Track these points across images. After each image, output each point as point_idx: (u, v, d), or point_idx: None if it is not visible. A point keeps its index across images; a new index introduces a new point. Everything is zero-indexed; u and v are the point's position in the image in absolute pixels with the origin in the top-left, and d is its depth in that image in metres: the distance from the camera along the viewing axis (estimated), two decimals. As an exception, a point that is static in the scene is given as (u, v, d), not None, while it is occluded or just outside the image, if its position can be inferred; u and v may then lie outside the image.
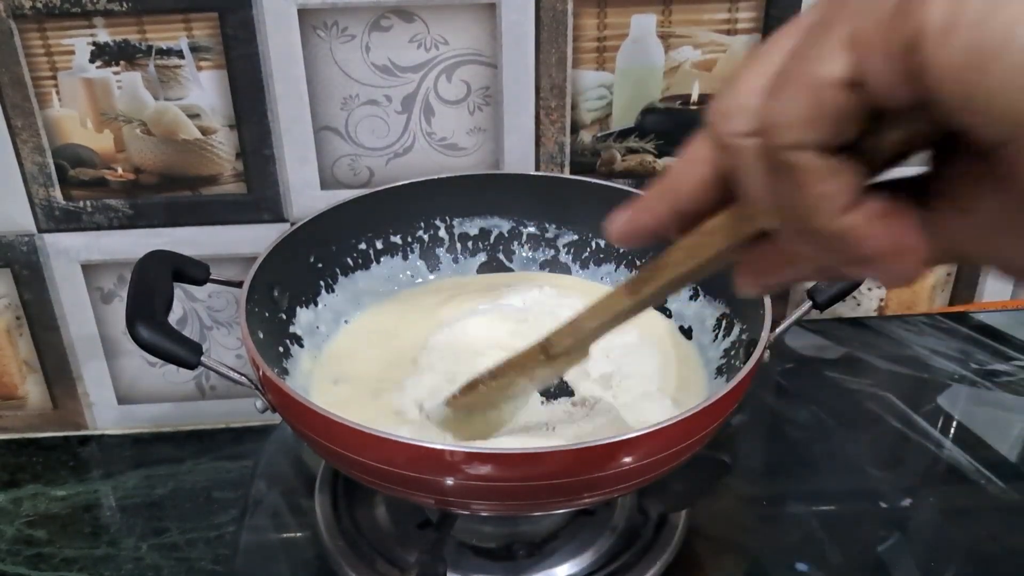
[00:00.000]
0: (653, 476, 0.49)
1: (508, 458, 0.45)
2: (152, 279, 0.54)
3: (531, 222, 0.71)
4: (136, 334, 0.50)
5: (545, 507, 0.53)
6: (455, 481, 0.45)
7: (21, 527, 0.67)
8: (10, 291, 0.73)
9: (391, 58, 0.67)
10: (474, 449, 0.46)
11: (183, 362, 0.50)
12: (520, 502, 0.49)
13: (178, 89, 0.67)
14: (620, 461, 0.45)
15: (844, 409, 0.74)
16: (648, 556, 0.58)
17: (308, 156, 0.70)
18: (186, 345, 0.50)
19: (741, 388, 0.49)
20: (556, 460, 0.45)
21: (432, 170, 0.71)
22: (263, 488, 0.67)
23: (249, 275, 0.56)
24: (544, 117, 0.70)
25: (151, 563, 0.63)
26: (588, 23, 0.67)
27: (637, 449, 0.45)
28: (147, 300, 0.52)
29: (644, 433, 0.45)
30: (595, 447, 0.44)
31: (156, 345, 0.50)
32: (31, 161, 0.68)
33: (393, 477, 0.46)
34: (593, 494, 0.49)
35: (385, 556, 0.58)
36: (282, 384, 0.48)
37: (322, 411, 0.46)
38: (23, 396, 0.78)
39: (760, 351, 0.51)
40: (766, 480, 0.69)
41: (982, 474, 0.67)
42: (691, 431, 0.47)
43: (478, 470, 0.44)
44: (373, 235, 0.68)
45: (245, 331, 0.52)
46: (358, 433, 0.45)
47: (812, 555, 0.61)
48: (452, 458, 0.44)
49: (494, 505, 0.50)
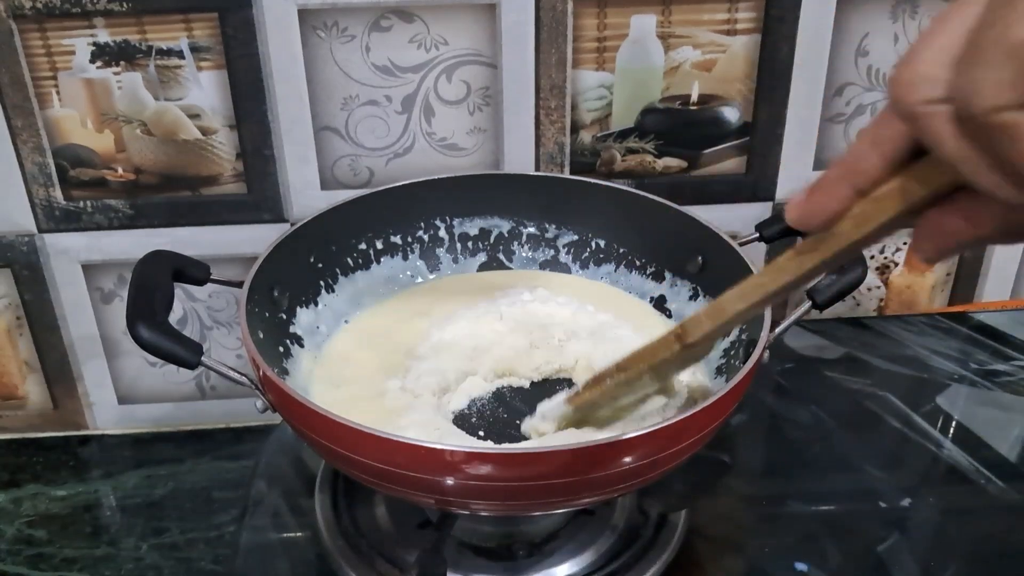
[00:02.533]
0: (653, 476, 0.49)
1: (508, 458, 0.45)
2: (152, 279, 0.54)
3: (531, 222, 0.71)
4: (136, 334, 0.49)
5: (545, 507, 0.53)
6: (455, 481, 0.45)
7: (21, 527, 0.67)
8: (10, 291, 0.73)
9: (391, 58, 0.67)
10: (474, 449, 0.46)
11: (184, 362, 0.50)
12: (520, 502, 0.49)
13: (178, 89, 0.67)
14: (620, 461, 0.45)
15: (844, 409, 0.74)
16: (648, 556, 0.58)
17: (308, 156, 0.70)
18: (187, 345, 0.50)
19: (740, 388, 0.49)
20: (556, 460, 0.45)
21: (432, 170, 0.71)
22: (263, 488, 0.67)
23: (249, 275, 0.56)
24: (544, 117, 0.70)
25: (151, 563, 0.63)
26: (588, 23, 0.67)
27: (637, 449, 0.45)
28: (147, 300, 0.52)
29: (644, 433, 0.45)
30: (595, 447, 0.44)
31: (157, 345, 0.50)
32: (31, 161, 0.68)
33: (393, 477, 0.46)
34: (593, 494, 0.49)
35: (385, 556, 0.58)
36: (282, 384, 0.48)
37: (322, 411, 0.46)
38: (23, 396, 0.78)
39: (759, 351, 0.51)
40: (766, 480, 0.69)
41: (982, 474, 0.67)
42: (691, 431, 0.47)
43: (478, 470, 0.44)
44: (373, 235, 0.68)
45: (245, 331, 0.52)
46: (358, 433, 0.45)
47: (812, 555, 0.61)
48: (452, 458, 0.44)
49: (494, 505, 0.50)
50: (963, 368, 0.78)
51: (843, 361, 0.79)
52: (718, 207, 0.75)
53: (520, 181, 0.70)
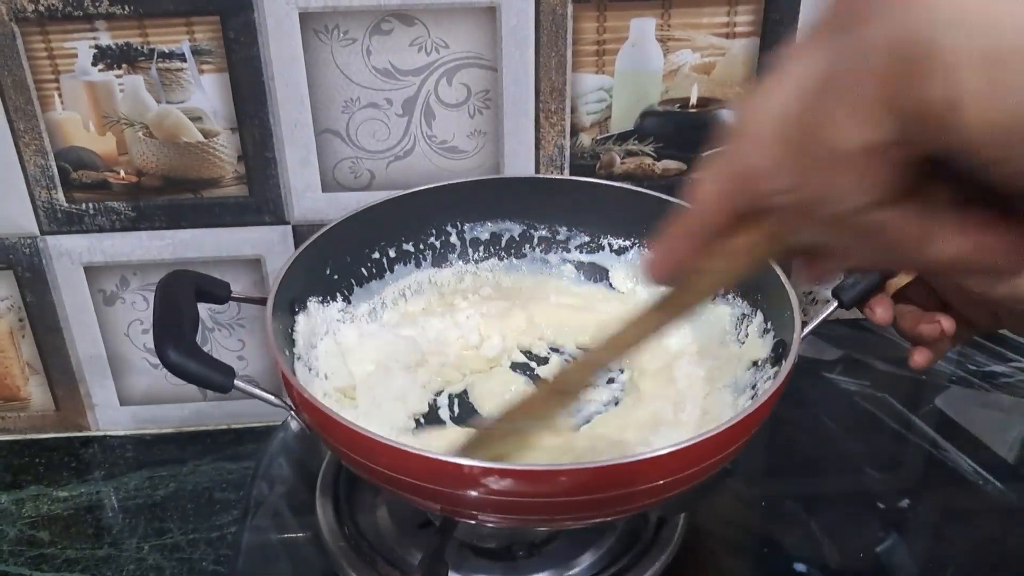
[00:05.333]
0: (675, 494, 0.47)
1: (527, 474, 0.44)
2: (177, 300, 0.52)
3: (542, 225, 0.71)
4: (165, 358, 0.48)
5: (564, 523, 0.52)
6: (483, 495, 0.44)
7: (23, 528, 0.68)
8: (13, 293, 0.73)
9: (392, 61, 0.67)
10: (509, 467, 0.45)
11: (217, 386, 0.48)
12: (540, 517, 0.48)
13: (180, 92, 0.67)
14: (646, 479, 0.44)
15: (843, 410, 0.75)
16: (648, 556, 0.58)
17: (309, 159, 0.70)
18: (218, 369, 0.49)
19: (768, 405, 0.48)
20: (576, 478, 0.44)
21: (433, 173, 0.71)
22: (265, 489, 0.68)
23: (271, 293, 0.55)
24: (544, 120, 0.70)
25: (153, 564, 0.64)
26: (587, 27, 0.67)
27: (661, 468, 0.44)
28: (174, 323, 0.50)
29: (669, 452, 0.44)
30: (618, 465, 0.43)
31: (186, 368, 0.48)
32: (34, 163, 0.68)
33: (423, 491, 0.46)
34: (611, 512, 0.48)
35: (386, 557, 0.58)
36: (320, 404, 0.47)
37: (366, 432, 0.45)
38: (26, 397, 0.78)
39: (793, 354, 0.51)
40: (766, 480, 0.69)
41: (980, 475, 0.67)
42: (717, 449, 0.46)
43: (508, 486, 0.43)
44: (386, 243, 0.67)
45: (276, 353, 0.51)
46: (401, 453, 0.44)
47: (811, 555, 0.61)
48: (486, 475, 0.43)
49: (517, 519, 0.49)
50: (961, 370, 0.78)
51: (842, 362, 0.80)
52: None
53: (529, 184, 0.70)
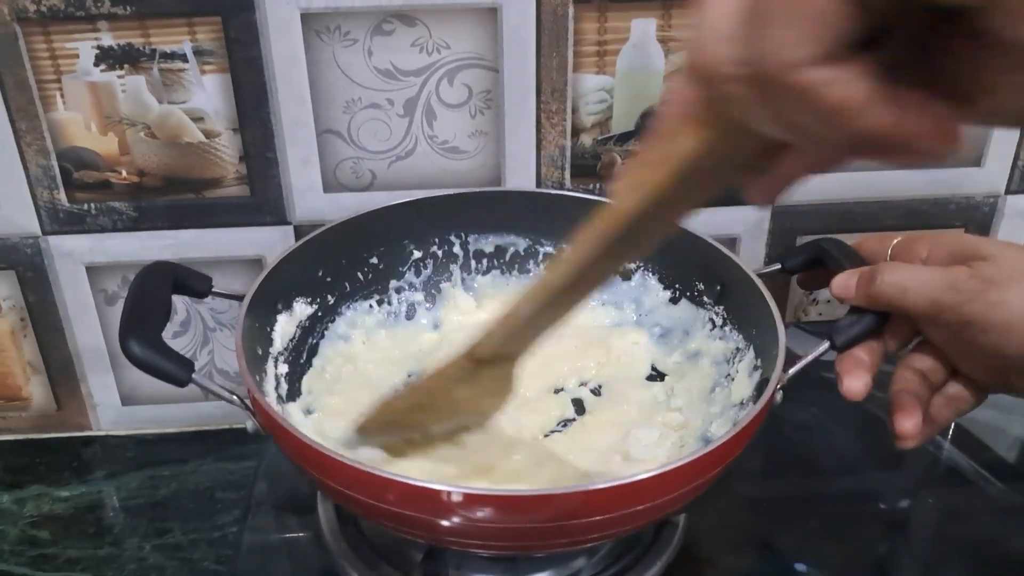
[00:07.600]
0: (659, 516, 0.47)
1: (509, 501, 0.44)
2: (150, 292, 0.53)
3: (548, 241, 0.70)
4: (127, 350, 0.49)
5: (545, 548, 0.51)
6: (454, 523, 0.44)
7: (25, 527, 0.68)
8: (14, 293, 0.73)
9: (393, 62, 0.67)
10: (480, 492, 0.44)
11: (174, 379, 0.49)
12: (521, 543, 0.47)
13: (182, 92, 0.67)
14: (626, 503, 0.44)
15: (843, 410, 0.74)
16: (648, 556, 0.58)
17: (311, 159, 0.70)
18: (177, 361, 0.49)
19: (751, 428, 0.48)
20: (558, 503, 0.43)
21: (434, 173, 0.71)
22: (266, 489, 0.68)
23: (251, 288, 0.55)
24: (545, 121, 0.70)
25: (154, 563, 0.64)
26: (589, 27, 0.67)
27: (644, 491, 0.44)
28: (140, 315, 0.51)
29: (652, 475, 0.44)
30: (599, 491, 0.43)
31: (146, 361, 0.49)
32: (35, 164, 0.68)
33: (385, 514, 0.45)
34: (596, 536, 0.47)
35: (387, 558, 0.58)
36: (270, 409, 0.47)
37: (310, 441, 0.45)
38: (27, 397, 0.78)
39: (771, 389, 0.50)
40: (766, 480, 0.69)
41: (981, 475, 0.67)
42: (702, 469, 0.46)
43: (479, 513, 0.43)
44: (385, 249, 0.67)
45: (240, 348, 0.51)
46: (350, 469, 0.43)
47: (812, 555, 0.61)
48: (450, 499, 0.42)
49: (496, 545, 0.48)
50: (962, 370, 0.78)
51: (843, 363, 0.80)
52: (718, 209, 0.75)
53: (541, 199, 0.70)
